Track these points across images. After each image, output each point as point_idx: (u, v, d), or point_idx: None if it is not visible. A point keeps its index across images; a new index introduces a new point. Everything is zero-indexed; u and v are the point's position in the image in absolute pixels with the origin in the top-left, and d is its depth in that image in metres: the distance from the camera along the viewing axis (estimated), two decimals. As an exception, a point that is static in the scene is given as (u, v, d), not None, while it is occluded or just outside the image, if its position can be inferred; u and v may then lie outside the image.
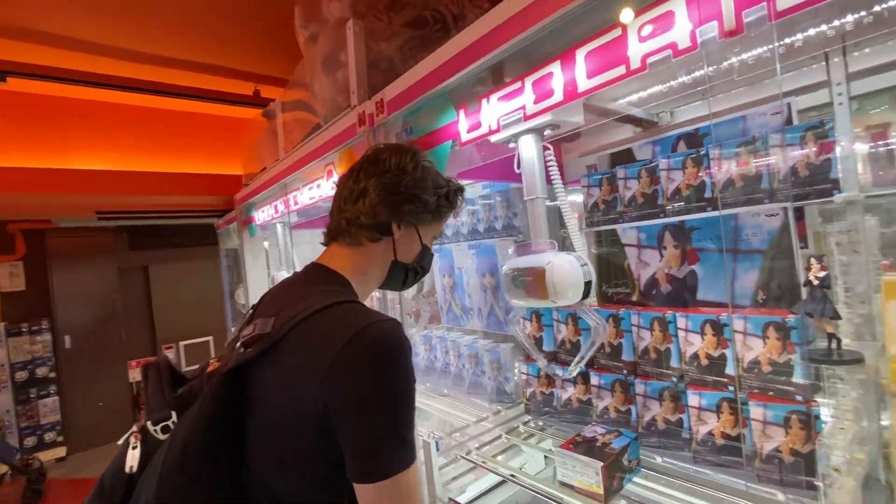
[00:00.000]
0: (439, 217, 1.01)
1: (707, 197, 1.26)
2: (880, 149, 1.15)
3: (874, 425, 0.99)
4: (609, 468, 1.03)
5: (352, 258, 0.93)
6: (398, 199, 0.91)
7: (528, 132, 1.10)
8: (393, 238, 0.94)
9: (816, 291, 0.87)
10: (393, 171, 0.91)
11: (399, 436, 0.70)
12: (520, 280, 1.08)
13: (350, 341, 0.69)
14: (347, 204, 0.92)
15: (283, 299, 0.84)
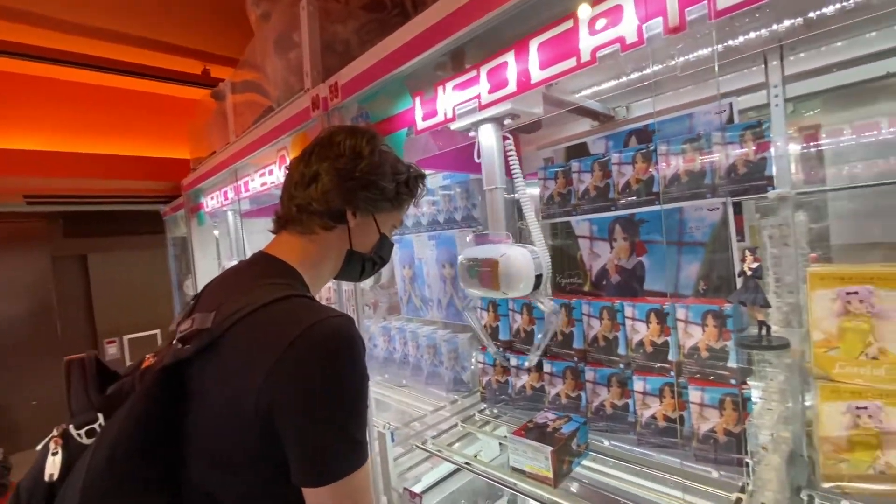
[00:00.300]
0: (398, 205, 0.96)
1: (655, 191, 1.31)
2: (811, 149, 1.24)
3: (798, 406, 1.07)
4: (558, 453, 1.06)
5: (302, 248, 0.87)
6: (353, 184, 0.85)
7: (488, 121, 1.09)
8: (348, 226, 0.89)
9: (749, 282, 0.93)
10: (348, 154, 0.86)
11: (350, 437, 0.67)
12: (475, 270, 1.09)
13: (297, 339, 0.65)
14: (298, 189, 0.86)
15: (225, 292, 0.78)
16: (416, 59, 1.11)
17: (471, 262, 1.10)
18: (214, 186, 2.57)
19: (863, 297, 0.87)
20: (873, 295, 0.86)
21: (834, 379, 0.92)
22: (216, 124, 2.45)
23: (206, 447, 0.69)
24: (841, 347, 0.91)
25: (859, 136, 1.17)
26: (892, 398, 0.86)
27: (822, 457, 0.93)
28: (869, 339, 0.88)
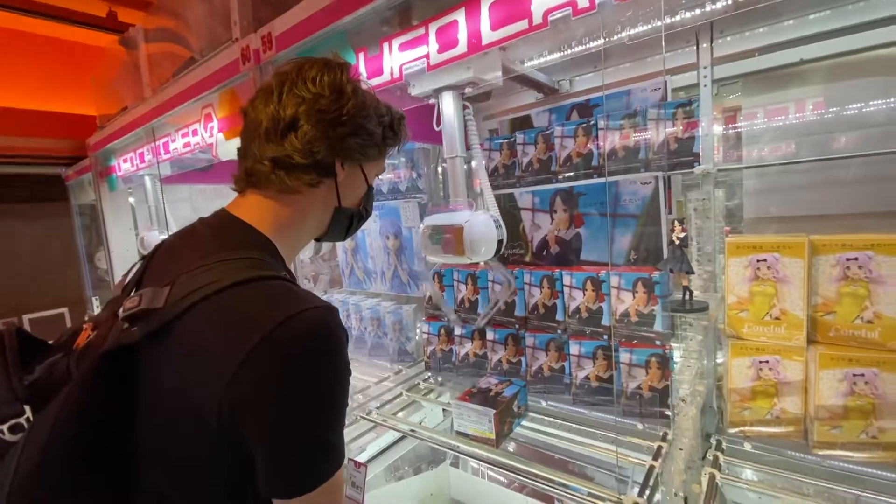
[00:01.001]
0: (384, 151, 0.82)
1: (594, 165, 1.35)
2: (730, 130, 1.34)
3: (712, 363, 1.20)
4: (500, 415, 1.11)
5: (278, 212, 0.72)
6: (342, 131, 0.71)
7: (449, 89, 1.05)
8: (336, 181, 0.75)
9: (677, 250, 1.00)
10: (328, 94, 0.70)
11: (326, 442, 0.59)
12: (437, 237, 1.07)
13: (270, 334, 0.55)
14: (271, 138, 0.69)
15: (182, 261, 0.65)
16: (359, 11, 1.03)
17: (434, 230, 1.08)
18: (127, 147, 2.30)
19: (770, 264, 0.97)
20: (779, 262, 0.97)
21: (743, 337, 1.03)
22: (127, 76, 2.17)
23: (157, 447, 0.60)
24: (750, 309, 1.02)
25: (770, 119, 1.28)
26: (789, 353, 0.98)
27: (730, 406, 1.05)
28: (773, 302, 0.99)
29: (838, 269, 0.93)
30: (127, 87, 2.19)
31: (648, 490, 0.89)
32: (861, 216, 1.13)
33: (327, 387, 0.58)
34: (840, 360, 0.91)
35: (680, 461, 0.87)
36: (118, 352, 0.58)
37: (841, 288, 0.93)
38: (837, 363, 0.92)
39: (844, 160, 1.15)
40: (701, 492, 0.92)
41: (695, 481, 0.96)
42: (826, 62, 1.14)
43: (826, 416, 0.94)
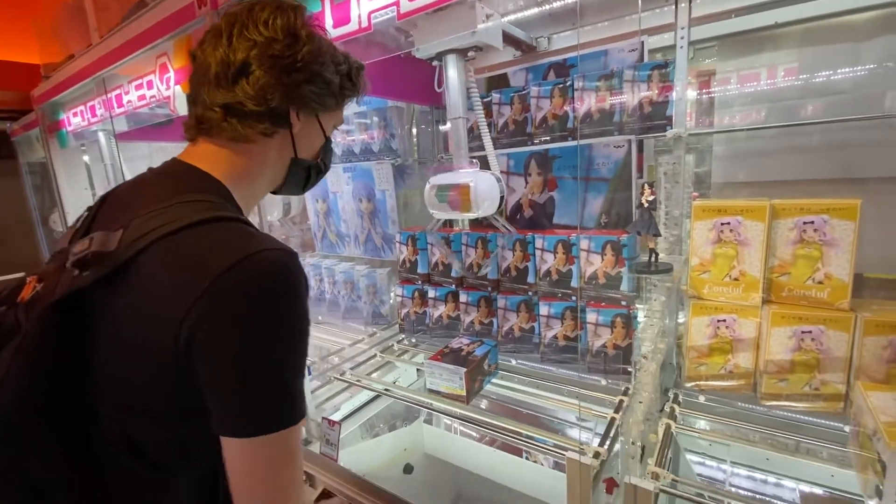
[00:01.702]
0: (342, 102, 0.79)
1: (570, 127, 1.34)
2: (704, 96, 1.34)
3: (673, 322, 1.25)
4: (471, 373, 1.13)
5: (232, 160, 0.69)
6: (296, 78, 0.67)
7: (453, 52, 1.08)
8: (291, 131, 0.72)
9: (645, 213, 1.01)
10: (282, 38, 0.66)
11: (283, 387, 0.57)
12: (444, 195, 1.15)
13: (228, 271, 0.53)
14: (221, 83, 0.65)
15: (133, 208, 0.62)
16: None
17: (440, 188, 1.15)
18: (76, 100, 2.13)
19: (733, 227, 1.00)
20: (741, 225, 1.00)
21: (703, 298, 1.08)
22: (72, 20, 1.98)
23: (119, 392, 0.58)
24: (712, 270, 1.06)
25: (743, 85, 1.28)
26: (744, 312, 1.03)
27: (688, 362, 1.11)
28: (733, 263, 1.02)
29: (795, 232, 0.97)
30: (72, 33, 2.00)
31: (609, 440, 0.95)
32: (823, 182, 1.17)
33: (283, 328, 0.57)
34: (790, 318, 0.97)
35: (639, 413, 0.92)
36: (69, 299, 0.56)
37: (797, 250, 0.97)
38: (788, 321, 0.97)
39: (810, 127, 1.17)
40: (657, 441, 0.98)
41: (652, 431, 1.02)
42: (800, 26, 1.14)
43: (774, 370, 1.00)
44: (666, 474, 0.83)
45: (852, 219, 0.91)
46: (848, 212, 0.91)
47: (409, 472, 1.57)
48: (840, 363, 0.94)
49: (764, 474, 1.13)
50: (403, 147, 1.74)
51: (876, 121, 1.05)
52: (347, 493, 1.21)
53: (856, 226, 0.91)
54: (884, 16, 1.05)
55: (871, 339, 0.91)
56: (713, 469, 1.20)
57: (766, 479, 1.14)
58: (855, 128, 1.11)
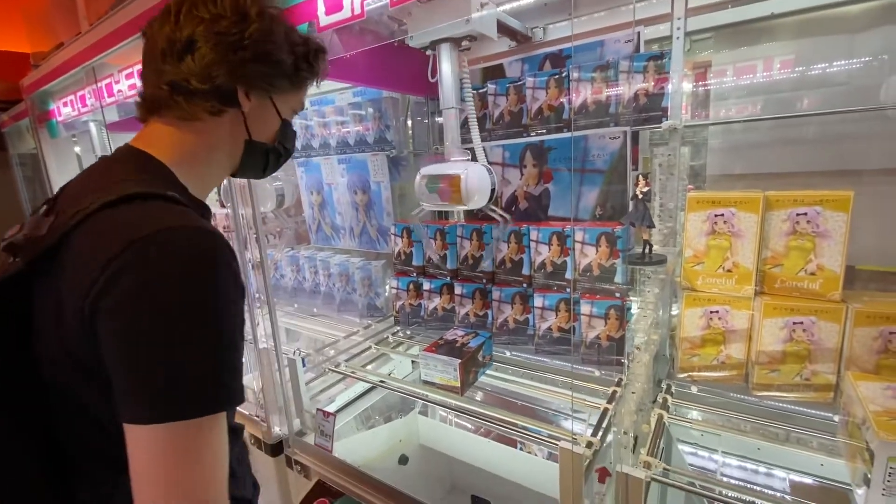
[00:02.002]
0: (299, 84, 0.78)
1: (565, 118, 1.34)
2: (700, 88, 1.33)
3: (667, 314, 1.26)
4: (465, 364, 1.14)
5: (180, 139, 0.68)
6: (242, 55, 0.66)
7: (447, 41, 1.06)
8: (242, 111, 0.71)
9: (640, 204, 1.01)
10: (230, 15, 0.66)
11: (192, 368, 0.52)
12: (433, 186, 1.12)
13: (137, 242, 0.51)
14: (169, 60, 0.65)
15: (78, 196, 0.62)
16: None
17: (430, 179, 1.13)
18: (66, 89, 2.10)
19: (727, 219, 1.01)
20: (735, 216, 1.00)
21: (696, 289, 1.08)
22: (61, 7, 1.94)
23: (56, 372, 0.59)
24: (705, 262, 1.06)
25: (739, 77, 1.28)
26: (737, 303, 1.03)
27: (681, 353, 1.11)
28: (727, 255, 1.03)
29: (788, 223, 0.97)
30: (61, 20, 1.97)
31: (602, 430, 0.95)
32: (818, 174, 1.17)
33: (194, 308, 0.53)
34: (782, 309, 0.97)
35: (632, 403, 0.93)
36: (6, 284, 0.56)
37: (789, 242, 0.98)
38: (780, 312, 0.97)
39: (805, 119, 1.17)
40: (650, 431, 0.98)
41: (645, 422, 1.03)
42: (796, 17, 1.14)
43: (766, 360, 1.01)
44: (658, 463, 0.84)
45: (845, 210, 0.91)
46: (841, 203, 0.92)
47: (405, 463, 1.58)
48: (831, 354, 0.95)
49: (755, 464, 1.15)
50: (398, 138, 1.73)
51: (871, 113, 1.05)
52: (342, 484, 1.22)
53: (848, 217, 0.91)
54: (880, 7, 1.05)
55: (861, 329, 0.91)
56: (705, 459, 1.21)
57: (756, 469, 1.15)
58: (850, 120, 1.11)
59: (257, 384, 1.41)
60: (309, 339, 1.94)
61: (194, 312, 0.52)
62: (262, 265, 1.32)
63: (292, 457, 1.37)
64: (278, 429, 1.41)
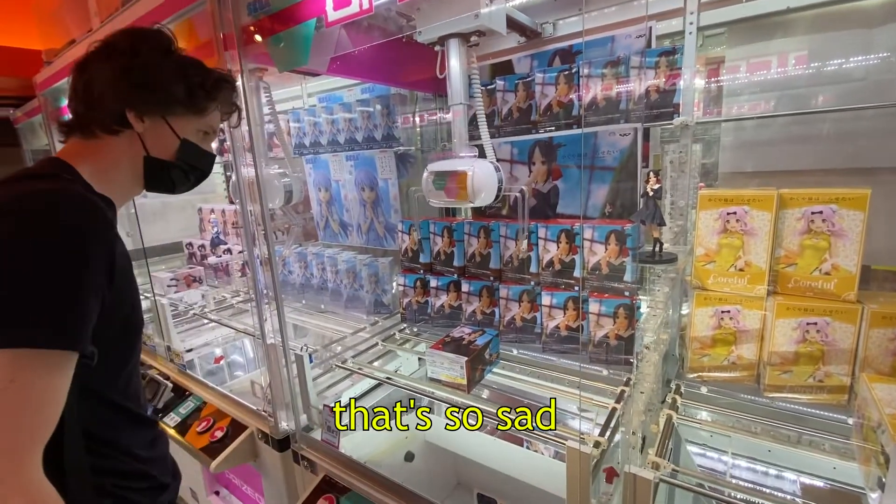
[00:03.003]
0: (197, 109, 0.89)
1: (575, 115, 1.32)
2: (712, 84, 1.31)
3: (677, 314, 1.24)
4: (472, 362, 1.13)
5: (85, 149, 0.80)
6: (128, 84, 0.79)
7: (455, 36, 1.06)
8: (136, 131, 0.82)
9: (650, 202, 1.00)
10: (126, 53, 0.79)
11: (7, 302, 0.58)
12: (440, 183, 1.13)
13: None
14: (77, 94, 0.81)
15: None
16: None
17: (437, 175, 1.14)
18: (79, 86, 2.12)
19: (739, 217, 0.99)
20: (748, 215, 0.98)
21: (707, 288, 1.07)
22: (72, 5, 1.96)
23: None
24: (717, 261, 1.04)
25: (753, 73, 1.25)
26: (749, 302, 1.01)
27: (691, 353, 1.10)
28: (739, 254, 1.01)
29: (803, 222, 0.95)
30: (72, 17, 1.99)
31: (609, 430, 0.94)
32: (833, 172, 1.15)
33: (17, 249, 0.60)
34: (796, 309, 0.95)
35: (640, 403, 0.92)
36: None
37: (804, 241, 0.96)
38: (793, 313, 0.96)
39: (820, 116, 1.15)
40: (658, 431, 0.97)
41: (653, 422, 1.02)
42: (811, 12, 1.11)
43: (778, 361, 0.99)
44: (666, 464, 0.83)
45: (861, 209, 0.89)
46: (857, 202, 0.90)
47: (410, 459, 1.58)
48: (845, 355, 0.93)
49: (765, 466, 1.13)
50: (406, 135, 1.72)
51: (889, 109, 1.03)
52: (349, 480, 1.22)
53: (865, 216, 0.89)
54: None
55: (877, 331, 0.89)
56: (714, 461, 1.20)
57: (767, 471, 1.13)
58: (866, 117, 1.09)
59: (265, 379, 1.42)
60: (316, 335, 1.95)
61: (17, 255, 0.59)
62: (270, 261, 1.32)
63: (299, 452, 1.37)
64: (285, 424, 1.42)
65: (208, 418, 1.61)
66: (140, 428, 0.88)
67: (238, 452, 1.47)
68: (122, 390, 0.83)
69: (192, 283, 2.33)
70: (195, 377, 1.84)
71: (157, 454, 0.93)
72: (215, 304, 2.21)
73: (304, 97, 2.01)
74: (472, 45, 1.10)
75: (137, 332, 0.85)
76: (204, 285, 2.35)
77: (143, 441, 0.89)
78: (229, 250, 2.33)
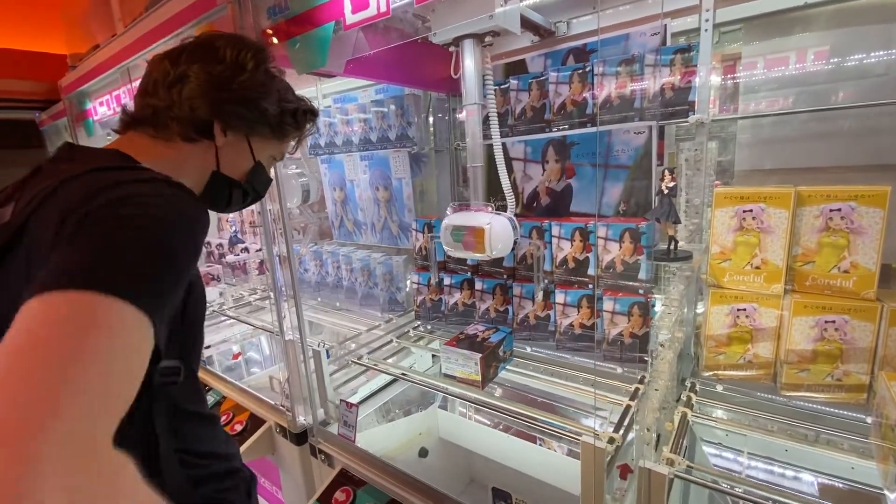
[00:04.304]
0: (281, 135, 0.86)
1: (588, 113, 1.33)
2: (728, 81, 1.30)
3: (692, 312, 1.24)
4: (486, 359, 1.14)
5: (153, 147, 0.73)
6: (226, 96, 0.74)
7: (470, 37, 1.07)
8: (215, 143, 0.78)
9: (665, 199, 1.00)
10: (228, 63, 0.75)
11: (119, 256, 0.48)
12: (459, 235, 1.19)
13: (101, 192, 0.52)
14: (159, 88, 0.73)
15: (38, 180, 0.63)
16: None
17: (455, 228, 1.20)
18: (102, 89, 2.18)
19: (756, 215, 0.99)
20: (764, 212, 0.98)
21: (723, 286, 1.06)
22: (97, 10, 2.02)
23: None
24: (732, 259, 1.04)
25: (770, 69, 1.24)
26: (765, 300, 1.01)
27: (706, 351, 1.10)
28: (755, 252, 1.01)
29: (821, 219, 0.94)
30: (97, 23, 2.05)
31: (623, 428, 0.95)
32: (852, 169, 1.13)
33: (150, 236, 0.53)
34: (813, 307, 0.95)
35: (654, 401, 0.92)
36: None
37: (822, 238, 0.95)
38: (811, 310, 0.95)
39: (840, 112, 1.13)
40: (673, 429, 0.98)
41: (668, 420, 1.02)
42: (831, 6, 1.10)
43: (795, 360, 0.98)
44: (681, 460, 0.84)
45: (881, 206, 0.88)
46: (877, 199, 0.89)
47: (424, 455, 1.60)
48: (864, 353, 0.92)
49: (782, 466, 1.12)
50: (420, 135, 1.74)
51: (910, 105, 1.01)
52: (365, 474, 1.25)
53: (885, 213, 0.88)
54: (922, -6, 1.01)
55: (897, 329, 0.89)
56: (730, 460, 1.19)
57: (783, 472, 1.12)
58: (888, 113, 1.07)
59: (283, 374, 1.45)
60: (332, 332, 1.98)
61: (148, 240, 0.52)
62: (288, 259, 1.35)
63: (316, 445, 1.40)
64: (303, 418, 1.45)
65: (228, 412, 1.65)
66: (214, 427, 0.86)
67: (257, 445, 1.51)
68: (195, 396, 0.80)
69: (211, 282, 2.38)
70: (214, 372, 1.89)
71: (233, 448, 0.91)
72: (234, 301, 2.26)
73: (320, 98, 2.04)
74: (486, 45, 1.12)
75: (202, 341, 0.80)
76: (222, 283, 2.40)
77: (220, 439, 0.86)
78: (247, 249, 2.37)
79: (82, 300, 0.43)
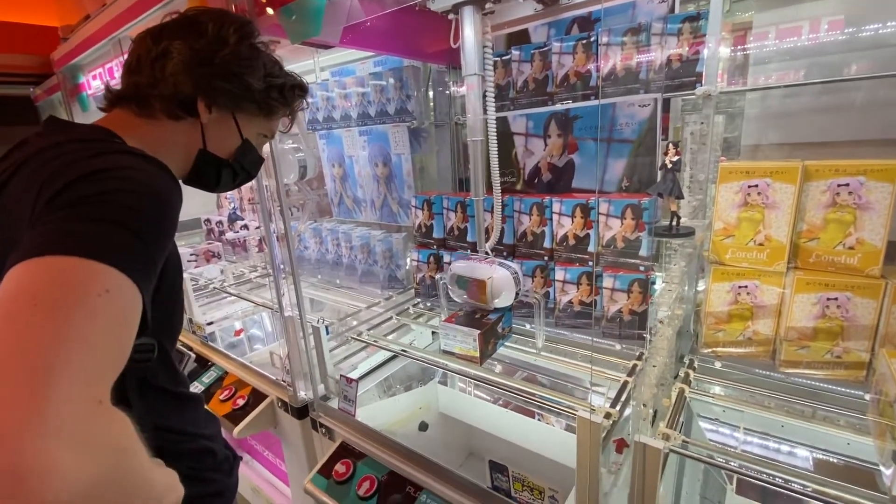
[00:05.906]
0: (268, 111, 0.84)
1: (593, 86, 1.29)
2: (738, 53, 1.26)
3: (692, 289, 1.23)
4: (485, 335, 1.14)
5: (137, 125, 0.72)
6: (209, 71, 0.73)
7: (469, 4, 1.02)
8: (200, 121, 0.76)
9: (668, 174, 0.98)
10: (210, 38, 0.73)
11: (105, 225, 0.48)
12: (463, 283, 1.23)
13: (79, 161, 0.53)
14: (142, 65, 0.72)
15: (20, 153, 0.63)
16: None
17: (460, 277, 1.25)
18: (95, 62, 2.13)
19: (761, 190, 0.96)
20: (770, 188, 0.95)
21: (725, 263, 1.05)
22: (86, -21, 1.96)
23: None
24: (735, 235, 1.02)
25: (782, 40, 1.20)
26: (767, 277, 1.00)
27: (705, 328, 1.09)
28: (759, 228, 0.99)
29: (828, 195, 0.92)
30: (87, -8, 1.99)
31: (620, 403, 0.95)
32: (864, 143, 1.10)
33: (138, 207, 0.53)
34: (816, 284, 0.94)
35: (652, 377, 0.92)
36: None
37: (828, 214, 0.93)
38: (813, 287, 0.94)
39: (852, 84, 1.10)
40: (670, 405, 0.98)
41: (665, 397, 1.02)
42: (849, -30, 1.05)
43: (795, 336, 0.98)
44: (677, 435, 0.84)
45: (891, 181, 0.86)
46: (887, 174, 0.86)
47: (424, 429, 1.62)
48: (866, 331, 0.92)
49: (777, 441, 1.13)
50: (419, 109, 1.70)
51: (927, 76, 0.97)
52: (365, 447, 1.27)
53: (894, 189, 0.86)
54: (945, -42, 0.96)
55: (901, 306, 0.87)
56: (726, 436, 1.20)
57: (779, 447, 1.13)
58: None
59: (283, 350, 1.46)
60: (332, 309, 1.99)
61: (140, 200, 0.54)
62: (286, 237, 1.34)
63: (317, 419, 1.42)
64: (304, 393, 1.47)
65: (230, 387, 1.67)
66: (193, 406, 0.87)
67: (259, 419, 1.53)
68: (169, 375, 0.80)
69: (211, 259, 2.38)
70: (217, 348, 1.90)
71: (214, 429, 0.93)
72: (234, 278, 2.26)
73: (317, 71, 1.99)
74: (487, 12, 1.07)
75: (180, 320, 0.80)
76: (223, 260, 2.40)
77: (200, 419, 0.87)
78: (246, 226, 2.36)
79: (76, 264, 0.44)
